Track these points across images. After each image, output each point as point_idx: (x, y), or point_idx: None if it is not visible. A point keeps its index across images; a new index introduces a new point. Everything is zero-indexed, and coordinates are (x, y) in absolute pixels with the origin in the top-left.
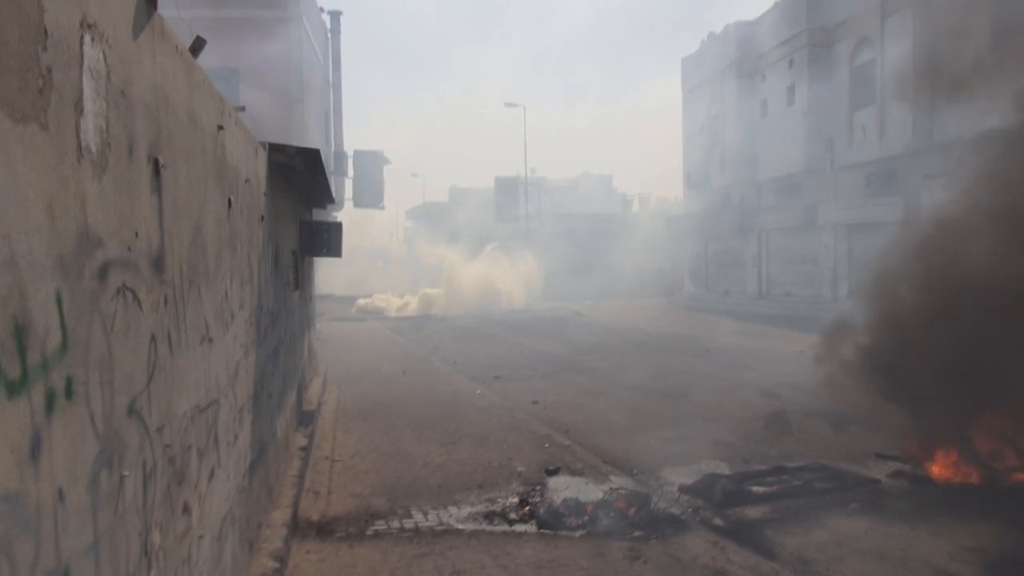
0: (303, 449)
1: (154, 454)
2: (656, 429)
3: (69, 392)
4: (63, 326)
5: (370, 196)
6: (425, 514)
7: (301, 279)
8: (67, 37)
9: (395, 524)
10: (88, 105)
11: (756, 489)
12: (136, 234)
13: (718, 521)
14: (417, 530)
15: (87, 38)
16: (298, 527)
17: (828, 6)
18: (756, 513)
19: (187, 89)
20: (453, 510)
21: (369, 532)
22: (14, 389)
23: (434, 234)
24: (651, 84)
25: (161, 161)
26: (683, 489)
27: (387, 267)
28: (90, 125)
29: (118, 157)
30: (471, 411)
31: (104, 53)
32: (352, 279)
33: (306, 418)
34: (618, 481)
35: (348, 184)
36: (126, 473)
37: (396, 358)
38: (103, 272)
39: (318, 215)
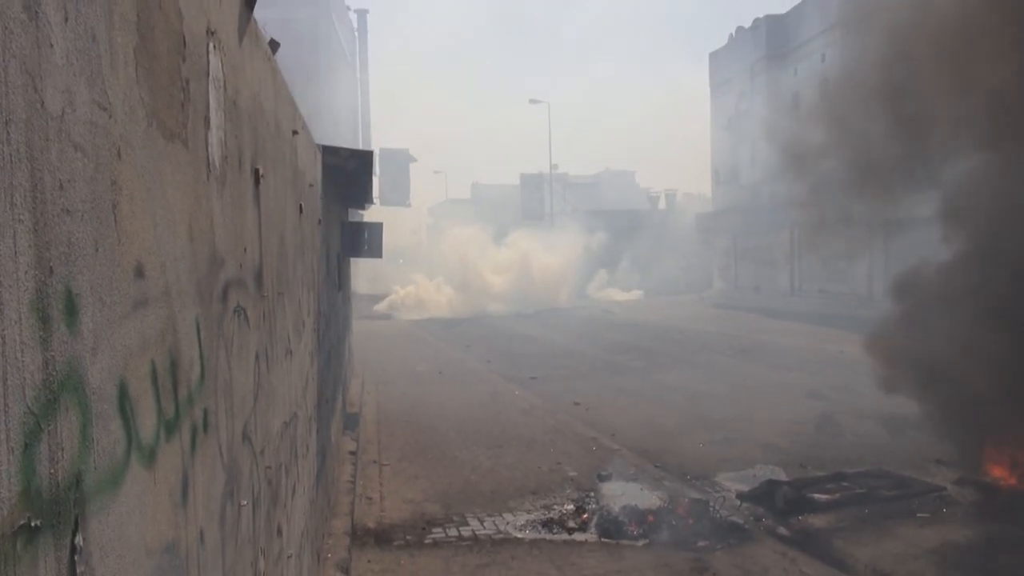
0: (352, 453)
1: (259, 478)
2: (702, 432)
3: (206, 425)
4: (201, 356)
5: (396, 194)
6: (481, 521)
7: (343, 280)
8: (198, 46)
9: (452, 532)
10: (213, 117)
11: (818, 496)
12: (245, 250)
13: (783, 530)
14: (476, 539)
15: (211, 46)
16: (356, 535)
17: None
18: (821, 522)
19: (273, 95)
20: (509, 517)
21: (427, 540)
22: (171, 429)
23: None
24: (675, 79)
25: (260, 171)
26: (742, 496)
27: (408, 264)
28: (214, 139)
29: (233, 170)
30: (513, 413)
31: (222, 62)
32: (374, 277)
33: (351, 421)
34: (673, 487)
35: (375, 182)
36: (244, 502)
37: (429, 358)
38: (225, 293)
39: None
